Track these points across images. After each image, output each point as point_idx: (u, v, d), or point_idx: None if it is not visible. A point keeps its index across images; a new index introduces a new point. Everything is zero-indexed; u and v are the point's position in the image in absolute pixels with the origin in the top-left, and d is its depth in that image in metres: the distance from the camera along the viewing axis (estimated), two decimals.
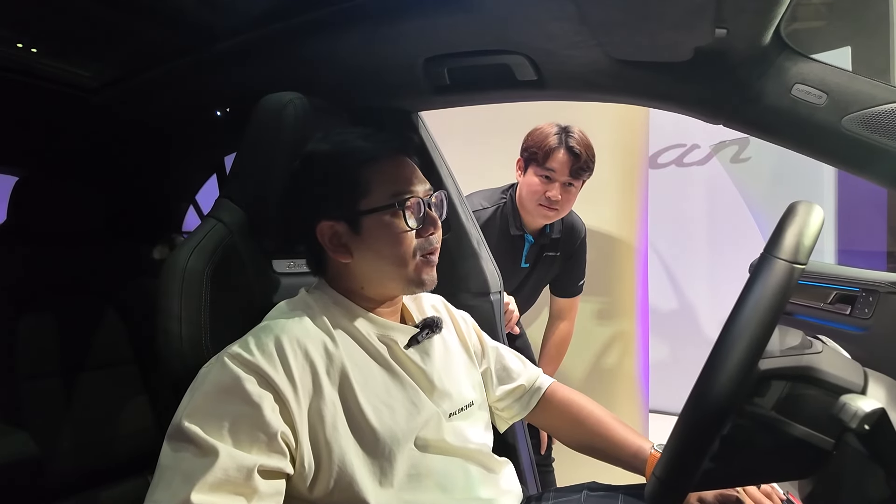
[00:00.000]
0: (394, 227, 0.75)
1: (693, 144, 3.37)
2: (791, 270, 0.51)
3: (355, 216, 0.76)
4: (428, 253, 0.78)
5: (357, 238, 0.76)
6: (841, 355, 0.61)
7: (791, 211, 0.55)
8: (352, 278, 0.79)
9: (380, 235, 0.75)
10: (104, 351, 1.46)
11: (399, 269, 0.77)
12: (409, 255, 0.76)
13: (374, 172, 0.76)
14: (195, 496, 0.57)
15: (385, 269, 0.77)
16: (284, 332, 0.70)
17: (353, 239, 0.76)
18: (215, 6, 1.06)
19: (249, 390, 0.63)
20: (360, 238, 0.76)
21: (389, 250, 0.76)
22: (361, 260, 0.77)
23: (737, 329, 0.51)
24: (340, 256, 0.77)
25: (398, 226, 0.75)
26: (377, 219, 0.75)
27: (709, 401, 0.51)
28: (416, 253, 0.77)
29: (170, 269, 0.78)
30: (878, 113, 0.74)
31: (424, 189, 0.79)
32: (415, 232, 0.76)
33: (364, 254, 0.77)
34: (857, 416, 0.48)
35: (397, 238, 0.75)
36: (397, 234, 0.75)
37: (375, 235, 0.76)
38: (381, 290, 0.80)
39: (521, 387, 0.98)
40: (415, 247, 0.77)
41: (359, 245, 0.76)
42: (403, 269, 0.77)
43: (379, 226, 0.75)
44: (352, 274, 0.79)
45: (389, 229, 0.75)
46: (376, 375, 0.75)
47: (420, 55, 0.99)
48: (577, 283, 1.74)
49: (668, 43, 0.81)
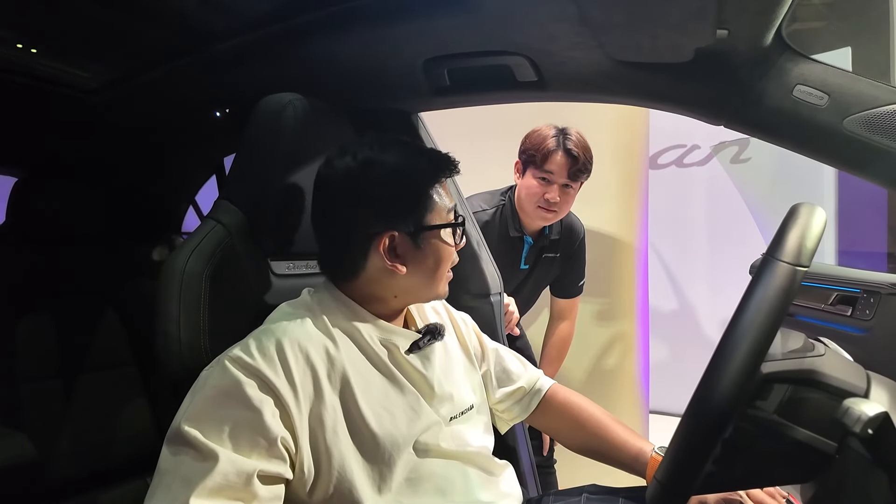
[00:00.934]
0: (447, 243, 0.80)
1: (693, 145, 3.37)
2: (794, 273, 0.50)
3: (419, 230, 0.77)
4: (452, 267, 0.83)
5: (416, 251, 0.77)
6: (843, 358, 0.61)
7: (793, 213, 0.55)
8: (388, 287, 0.79)
9: (436, 250, 0.79)
10: (104, 353, 1.45)
11: (437, 283, 0.81)
12: (447, 269, 0.82)
13: (436, 190, 0.80)
14: (194, 500, 0.57)
15: (428, 282, 0.80)
16: (286, 336, 0.69)
17: (412, 251, 0.77)
18: (215, 7, 1.06)
19: (250, 394, 0.63)
20: (419, 251, 0.78)
21: (439, 265, 0.80)
22: (413, 272, 0.78)
23: (739, 332, 0.50)
24: (396, 267, 0.77)
25: (449, 242, 0.80)
26: (436, 234, 0.79)
27: (711, 404, 0.50)
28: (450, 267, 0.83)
29: (168, 271, 0.78)
30: (879, 114, 0.74)
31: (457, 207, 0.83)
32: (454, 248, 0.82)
33: (418, 266, 0.78)
34: (861, 420, 0.48)
35: (448, 253, 0.80)
36: (448, 250, 0.80)
37: (433, 250, 0.79)
38: (410, 300, 0.83)
39: (521, 389, 0.98)
40: (453, 261, 0.82)
41: (416, 257, 0.78)
42: (440, 282, 0.81)
43: (436, 241, 0.79)
44: (393, 284, 0.79)
45: (444, 245, 0.79)
46: (377, 380, 0.75)
47: (420, 56, 0.98)
48: (576, 283, 1.74)
49: (669, 44, 0.81)
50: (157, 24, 1.13)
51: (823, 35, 2.87)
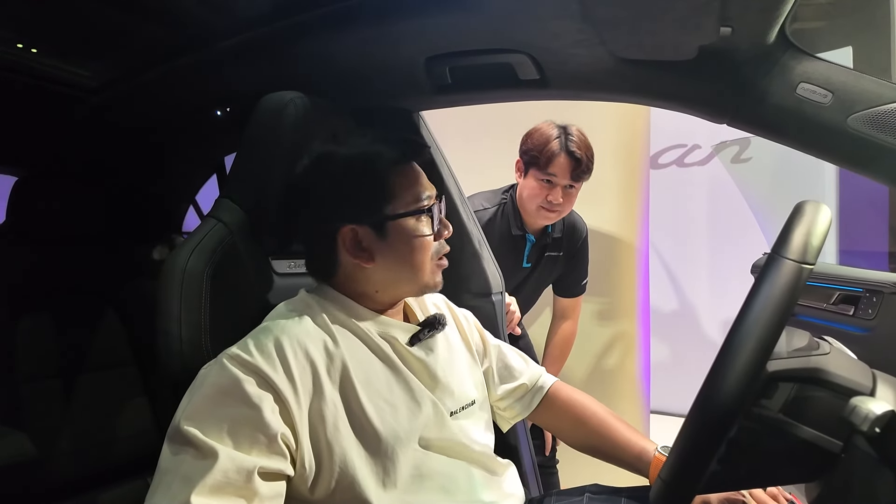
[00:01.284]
0: (417, 232, 0.77)
1: (694, 144, 3.37)
2: (800, 271, 0.50)
3: (381, 220, 0.76)
4: (440, 257, 0.81)
5: (381, 242, 0.76)
6: (849, 357, 0.61)
7: (798, 210, 0.54)
8: (366, 282, 0.79)
9: (404, 240, 0.76)
10: (104, 352, 1.45)
11: (417, 273, 0.78)
12: (427, 259, 0.78)
13: (398, 177, 0.77)
14: (195, 499, 0.56)
15: (404, 274, 0.78)
16: (284, 333, 0.69)
17: (377, 243, 0.76)
18: (215, 5, 1.06)
19: (249, 391, 0.63)
20: (385, 242, 0.76)
21: (412, 255, 0.77)
22: (383, 264, 0.77)
23: (744, 330, 0.50)
24: (362, 261, 0.76)
25: (420, 230, 0.77)
26: (402, 223, 0.76)
27: (716, 402, 0.50)
28: (433, 257, 0.79)
29: (169, 269, 0.78)
30: (884, 112, 0.74)
31: (433, 194, 0.81)
32: (430, 237, 0.78)
33: (386, 258, 0.77)
34: (869, 418, 0.47)
35: (420, 243, 0.77)
36: (420, 239, 0.77)
37: (400, 240, 0.76)
38: (395, 294, 0.81)
39: (523, 385, 0.97)
40: (432, 251, 0.79)
41: (382, 249, 0.76)
42: (421, 273, 0.78)
43: (403, 230, 0.76)
44: (367, 278, 0.78)
45: (413, 234, 0.77)
46: (379, 373, 0.75)
47: (421, 54, 0.98)
48: (579, 282, 1.73)
49: (672, 41, 0.80)
50: (157, 24, 1.13)
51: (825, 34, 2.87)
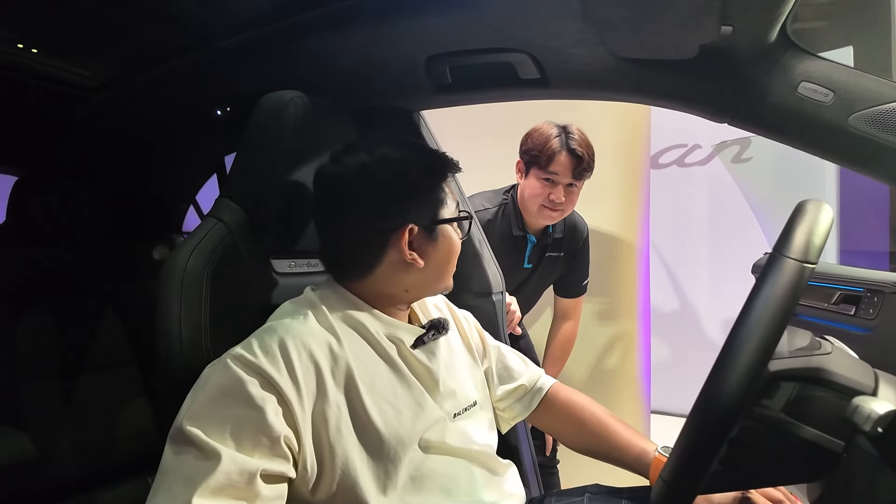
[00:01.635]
0: (456, 237, 0.83)
1: (695, 144, 3.37)
2: (801, 270, 0.50)
3: (434, 223, 0.79)
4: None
5: (431, 244, 0.79)
6: (851, 356, 0.60)
7: (800, 210, 0.54)
8: (400, 282, 0.79)
9: (448, 243, 0.82)
10: (104, 352, 1.45)
11: (448, 275, 0.84)
12: (455, 262, 0.84)
13: (447, 186, 0.83)
14: (197, 500, 0.56)
15: (441, 274, 0.82)
16: (288, 334, 0.69)
17: (427, 244, 0.79)
18: (216, 5, 1.06)
19: (252, 393, 0.62)
20: (434, 244, 0.80)
21: (451, 257, 0.83)
22: (429, 264, 0.79)
23: (746, 329, 0.50)
24: (416, 259, 0.78)
25: (457, 235, 0.83)
26: (449, 228, 0.82)
27: (717, 402, 0.50)
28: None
29: (169, 269, 0.77)
30: (885, 111, 0.74)
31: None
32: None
33: (433, 259, 0.80)
34: (871, 418, 0.47)
35: (457, 246, 0.84)
36: (457, 243, 0.83)
37: (446, 243, 0.81)
38: (423, 294, 0.85)
39: (522, 386, 0.97)
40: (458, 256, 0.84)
41: (431, 250, 0.79)
42: (450, 274, 0.84)
43: (449, 234, 0.82)
44: (403, 278, 0.79)
45: (454, 238, 0.83)
46: (383, 375, 0.75)
47: (422, 53, 0.98)
48: (580, 283, 1.73)
49: (673, 40, 0.80)
50: (157, 23, 1.13)
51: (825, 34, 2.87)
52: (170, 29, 1.15)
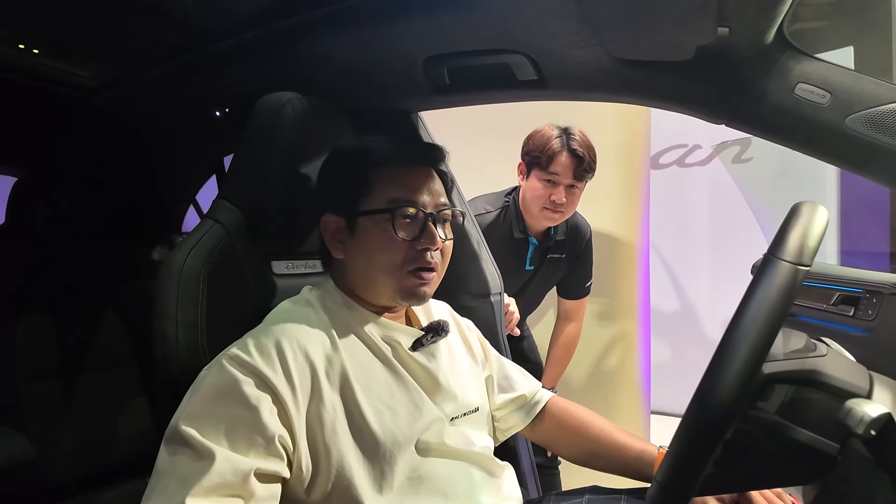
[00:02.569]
0: (385, 234, 0.74)
1: (695, 145, 3.36)
2: (795, 272, 0.50)
3: (354, 214, 0.76)
4: (420, 268, 0.75)
5: (351, 237, 0.77)
6: (846, 358, 0.60)
7: (795, 211, 0.54)
8: (346, 276, 0.80)
9: (371, 238, 0.75)
10: (104, 352, 1.45)
11: (385, 277, 0.75)
12: (396, 264, 0.75)
13: (381, 174, 0.76)
14: (191, 500, 0.56)
15: (372, 275, 0.76)
16: (284, 334, 0.69)
17: (348, 237, 0.77)
18: (215, 5, 1.06)
19: (247, 392, 0.63)
20: (354, 237, 0.76)
21: (378, 256, 0.75)
22: (352, 259, 0.78)
23: (740, 332, 0.50)
24: (335, 251, 0.78)
25: (389, 233, 0.74)
26: (372, 221, 0.75)
27: (711, 405, 0.50)
28: (406, 265, 0.75)
29: (166, 270, 0.78)
30: (882, 112, 0.74)
31: (435, 202, 0.78)
32: (409, 243, 0.75)
33: (354, 254, 0.77)
34: (864, 421, 0.47)
35: (386, 245, 0.74)
36: (387, 241, 0.74)
37: (367, 237, 0.75)
38: (371, 295, 0.79)
39: (522, 396, 0.97)
40: (405, 258, 0.75)
41: (352, 244, 0.77)
42: (390, 277, 0.75)
43: (372, 228, 0.75)
44: (346, 272, 0.80)
45: (381, 234, 0.74)
46: (379, 376, 0.74)
47: (420, 54, 0.98)
48: (584, 284, 1.73)
49: (669, 42, 0.80)
50: (156, 24, 1.13)
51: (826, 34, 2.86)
52: (169, 30, 1.15)
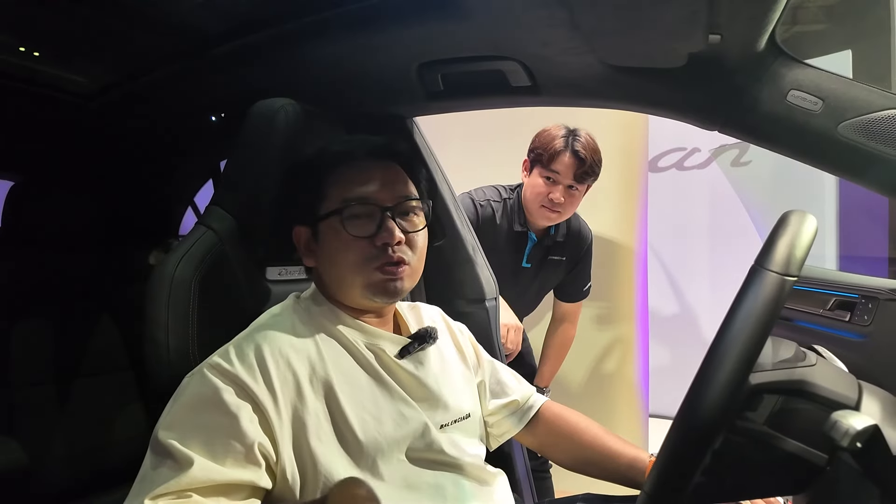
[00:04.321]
0: (341, 234, 0.74)
1: (693, 148, 3.36)
2: (782, 283, 0.50)
3: (315, 221, 0.76)
4: (385, 263, 0.74)
5: (316, 244, 0.77)
6: (835, 368, 0.60)
7: (783, 221, 0.54)
8: (322, 283, 0.80)
9: (331, 241, 0.75)
10: (100, 357, 1.45)
11: (351, 277, 0.74)
12: (359, 263, 0.74)
13: (332, 177, 0.76)
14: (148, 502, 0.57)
15: (341, 277, 0.75)
16: (266, 341, 0.69)
17: (314, 244, 0.77)
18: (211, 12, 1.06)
19: (227, 401, 0.63)
20: (318, 244, 0.77)
21: (338, 257, 0.74)
22: (322, 266, 0.78)
23: (726, 343, 0.49)
24: (307, 260, 0.79)
25: (343, 233, 0.73)
26: (329, 224, 0.75)
27: (699, 415, 0.50)
28: (369, 262, 0.74)
29: (157, 277, 0.77)
30: (874, 119, 0.73)
31: (393, 196, 0.76)
32: (367, 240, 0.74)
33: (322, 260, 0.77)
34: (849, 434, 0.47)
35: (344, 245, 0.74)
36: (344, 241, 0.74)
37: (328, 241, 0.75)
38: (348, 298, 0.78)
39: (514, 402, 0.96)
40: (367, 256, 0.74)
41: (318, 250, 0.77)
42: (355, 277, 0.74)
43: (330, 231, 0.75)
44: (321, 279, 0.80)
45: (338, 235, 0.74)
46: (363, 384, 0.74)
47: (414, 61, 0.98)
48: (582, 288, 1.74)
49: (661, 49, 0.80)
50: (153, 29, 1.14)
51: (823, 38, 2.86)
52: (166, 35, 1.16)
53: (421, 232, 0.79)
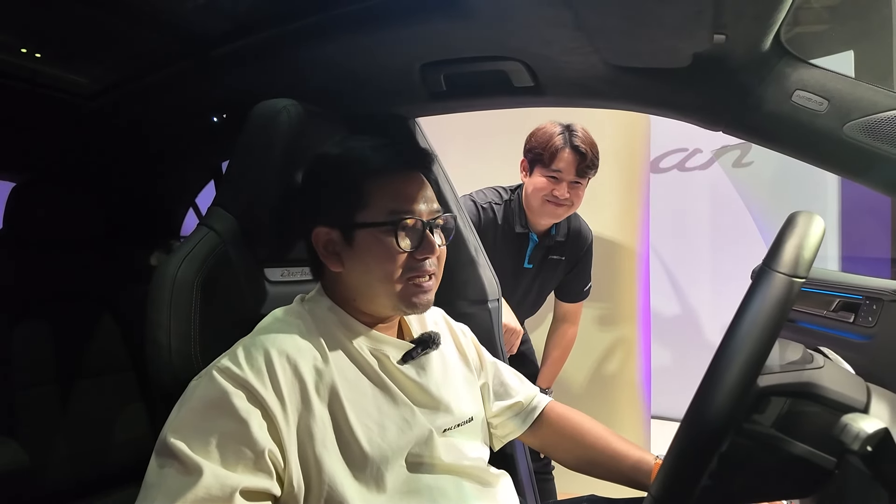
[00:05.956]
0: (385, 245, 0.73)
1: (695, 149, 3.36)
2: (790, 284, 0.49)
3: (350, 227, 0.74)
4: (417, 276, 0.75)
5: (349, 249, 0.75)
6: (843, 370, 0.60)
7: (791, 222, 0.53)
8: (345, 288, 0.78)
9: (371, 250, 0.74)
10: (102, 358, 1.45)
11: (386, 287, 0.74)
12: (395, 275, 0.74)
13: (376, 185, 0.74)
14: None
15: (373, 285, 0.75)
16: (275, 346, 0.69)
17: (345, 249, 0.75)
18: (212, 12, 1.06)
19: (237, 406, 0.62)
20: (352, 250, 0.75)
21: (378, 267, 0.74)
22: (351, 272, 0.76)
23: (734, 345, 0.49)
24: (331, 265, 0.76)
25: (390, 244, 0.73)
26: (371, 233, 0.74)
27: (706, 418, 0.49)
28: (405, 274, 0.74)
29: (159, 278, 0.77)
30: (880, 120, 0.73)
31: (430, 210, 0.77)
32: (407, 254, 0.74)
33: (354, 266, 0.75)
34: (860, 437, 0.46)
35: (386, 256, 0.73)
36: (387, 253, 0.73)
37: (366, 250, 0.74)
38: (372, 306, 0.78)
39: (518, 403, 0.96)
40: (403, 268, 0.74)
41: (350, 256, 0.75)
42: (390, 287, 0.74)
43: (372, 241, 0.74)
44: (344, 284, 0.78)
45: (381, 246, 0.73)
46: (367, 392, 0.74)
47: (416, 61, 0.98)
48: (583, 288, 1.73)
49: (666, 49, 0.80)
50: (154, 29, 1.14)
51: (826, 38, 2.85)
52: (167, 35, 1.15)
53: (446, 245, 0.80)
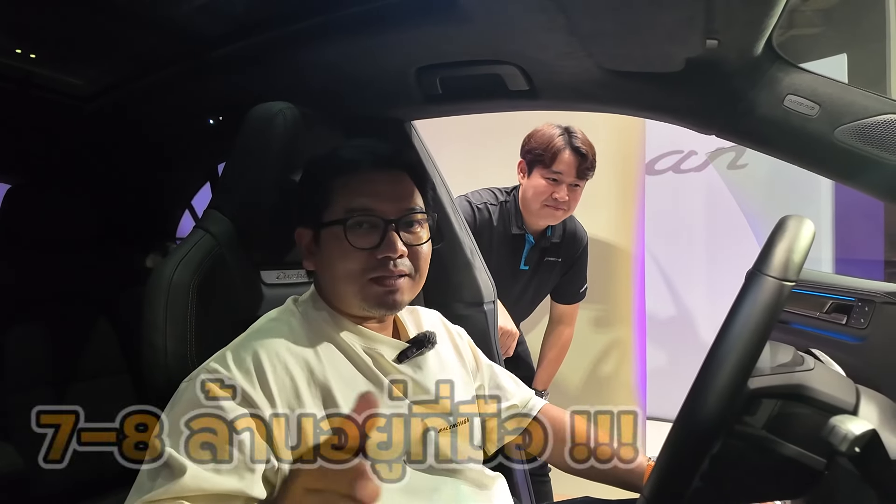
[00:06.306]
0: (342, 244, 0.73)
1: (690, 151, 3.37)
2: (780, 288, 0.50)
3: (318, 226, 0.76)
4: (381, 276, 0.74)
5: (317, 248, 0.77)
6: (833, 372, 0.60)
7: (781, 226, 0.54)
8: (323, 288, 0.80)
9: (331, 249, 0.75)
10: (98, 360, 1.45)
11: (348, 287, 0.74)
12: (356, 273, 0.73)
13: (340, 184, 0.75)
14: None
15: (337, 284, 0.76)
16: (264, 347, 0.69)
17: (316, 249, 0.77)
18: (209, 15, 1.06)
19: (224, 407, 0.63)
20: (319, 249, 0.77)
21: (339, 266, 0.74)
22: (320, 271, 0.78)
23: (725, 348, 0.50)
24: (306, 263, 0.79)
25: (344, 243, 0.73)
26: (331, 232, 0.74)
27: (697, 421, 0.50)
28: (366, 274, 0.73)
29: (155, 281, 0.77)
30: (870, 124, 0.74)
31: (398, 208, 0.75)
32: (369, 252, 0.73)
33: (321, 265, 0.77)
34: (847, 438, 0.47)
35: (343, 255, 0.73)
36: (344, 252, 0.73)
37: (328, 248, 0.75)
38: (344, 306, 0.77)
39: (514, 406, 0.96)
40: (366, 267, 0.73)
41: (319, 255, 0.77)
42: (352, 286, 0.74)
43: (331, 239, 0.75)
44: (320, 284, 0.80)
45: (339, 245, 0.73)
46: (361, 389, 0.74)
47: (412, 64, 0.98)
48: (579, 289, 1.74)
49: (659, 53, 0.80)
50: (152, 32, 1.14)
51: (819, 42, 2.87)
52: (163, 38, 1.16)
53: (425, 244, 0.79)
